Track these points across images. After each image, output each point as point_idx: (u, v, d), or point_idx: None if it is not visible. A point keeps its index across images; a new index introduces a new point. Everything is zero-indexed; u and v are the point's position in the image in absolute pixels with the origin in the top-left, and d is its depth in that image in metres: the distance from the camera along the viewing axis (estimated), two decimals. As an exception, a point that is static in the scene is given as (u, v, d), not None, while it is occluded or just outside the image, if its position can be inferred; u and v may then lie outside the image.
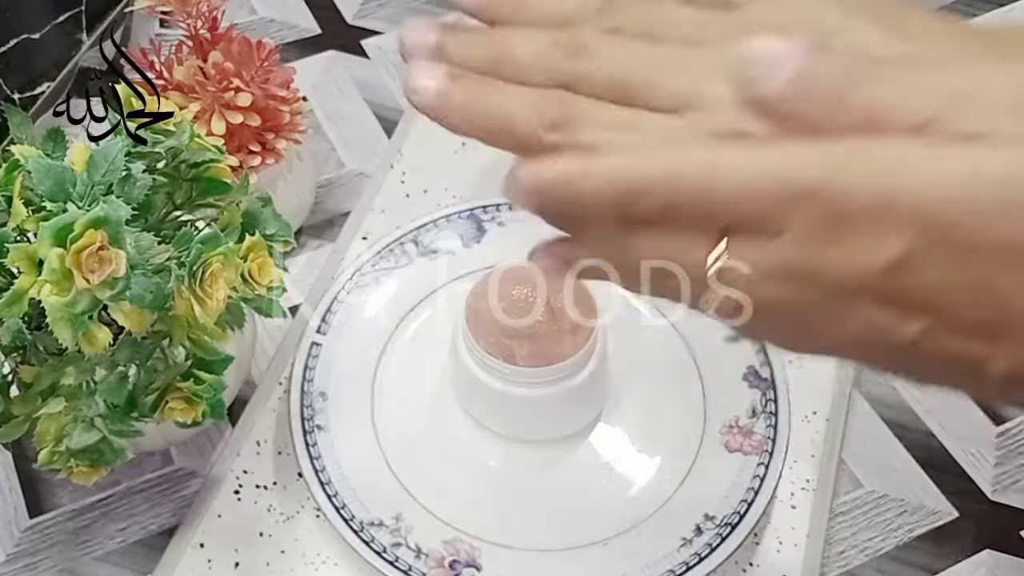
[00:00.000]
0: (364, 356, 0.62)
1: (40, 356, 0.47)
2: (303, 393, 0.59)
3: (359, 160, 0.75)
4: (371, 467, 0.58)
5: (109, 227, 0.42)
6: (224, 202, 0.51)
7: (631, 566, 0.54)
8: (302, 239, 0.71)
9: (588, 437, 0.60)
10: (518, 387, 0.56)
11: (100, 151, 0.46)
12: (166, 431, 0.56)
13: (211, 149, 0.51)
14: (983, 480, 0.60)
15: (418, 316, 0.64)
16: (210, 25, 0.61)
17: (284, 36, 0.83)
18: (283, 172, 0.66)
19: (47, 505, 0.60)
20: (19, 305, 0.43)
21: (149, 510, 0.59)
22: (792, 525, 0.58)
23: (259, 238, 0.50)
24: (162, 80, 0.61)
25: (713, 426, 0.60)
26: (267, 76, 0.62)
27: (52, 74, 0.77)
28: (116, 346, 0.47)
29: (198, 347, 0.49)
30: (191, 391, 0.49)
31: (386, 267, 0.65)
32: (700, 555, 0.54)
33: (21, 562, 0.57)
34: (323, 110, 0.78)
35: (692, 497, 0.57)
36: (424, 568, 0.54)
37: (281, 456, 0.60)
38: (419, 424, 0.61)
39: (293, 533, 0.58)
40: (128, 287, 0.43)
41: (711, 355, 0.62)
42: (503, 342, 0.55)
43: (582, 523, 0.57)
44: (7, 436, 0.48)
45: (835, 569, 0.57)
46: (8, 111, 0.51)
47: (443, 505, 0.57)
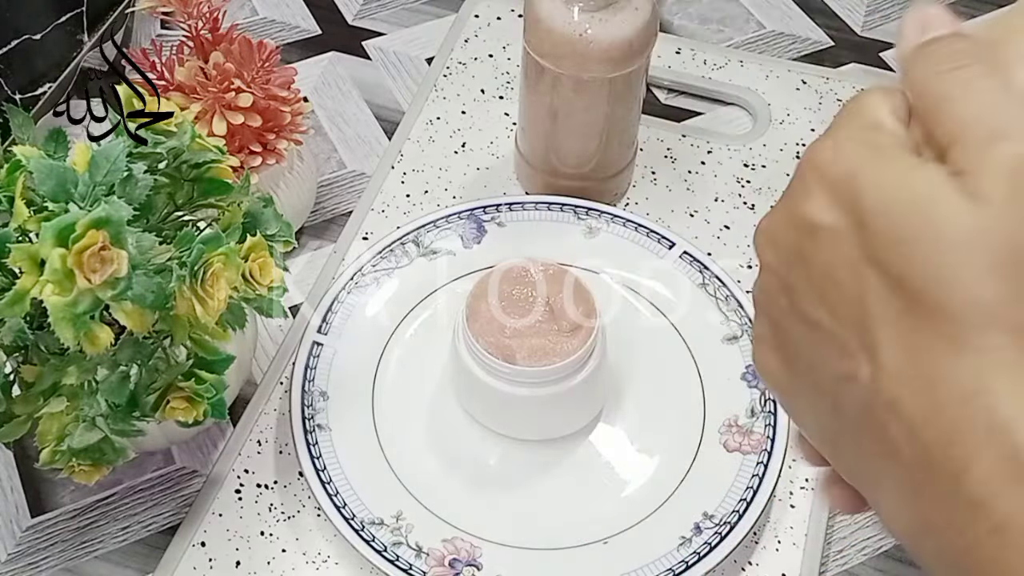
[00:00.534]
0: (365, 356, 0.62)
1: (42, 356, 0.47)
2: (304, 393, 0.59)
3: (360, 160, 0.76)
4: (371, 466, 0.58)
5: (111, 227, 0.42)
6: (225, 202, 0.51)
7: (631, 565, 0.54)
8: (303, 239, 0.71)
9: (588, 437, 0.60)
10: (518, 387, 0.56)
11: (102, 152, 0.46)
12: (167, 430, 0.56)
13: (212, 150, 0.51)
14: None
15: (418, 316, 0.64)
16: (211, 26, 0.62)
17: (285, 37, 0.84)
18: (284, 172, 0.66)
19: (49, 504, 0.60)
20: (21, 305, 0.43)
21: (150, 509, 0.60)
22: (791, 524, 0.58)
23: (260, 238, 0.50)
24: (163, 81, 0.61)
25: (712, 425, 0.60)
26: (268, 77, 0.62)
27: (53, 75, 0.78)
28: (118, 346, 0.47)
29: (199, 347, 0.49)
30: (192, 391, 0.49)
31: (386, 267, 0.65)
32: (699, 554, 0.54)
33: (23, 561, 0.58)
34: (324, 111, 0.78)
35: (691, 496, 0.57)
36: (424, 567, 0.54)
37: (282, 455, 0.60)
38: (419, 424, 0.61)
39: (294, 532, 0.58)
40: (130, 287, 0.43)
41: (710, 355, 0.62)
42: (503, 342, 0.56)
43: (582, 522, 0.57)
44: (9, 435, 0.48)
45: (834, 568, 0.58)
46: (10, 112, 0.51)
47: (443, 504, 0.57)
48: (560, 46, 0.62)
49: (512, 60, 0.80)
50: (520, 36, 0.64)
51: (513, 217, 0.68)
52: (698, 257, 0.65)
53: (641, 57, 0.63)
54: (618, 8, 0.61)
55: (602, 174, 0.69)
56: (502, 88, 0.78)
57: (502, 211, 0.68)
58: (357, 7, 0.86)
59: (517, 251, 0.61)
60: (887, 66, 0.82)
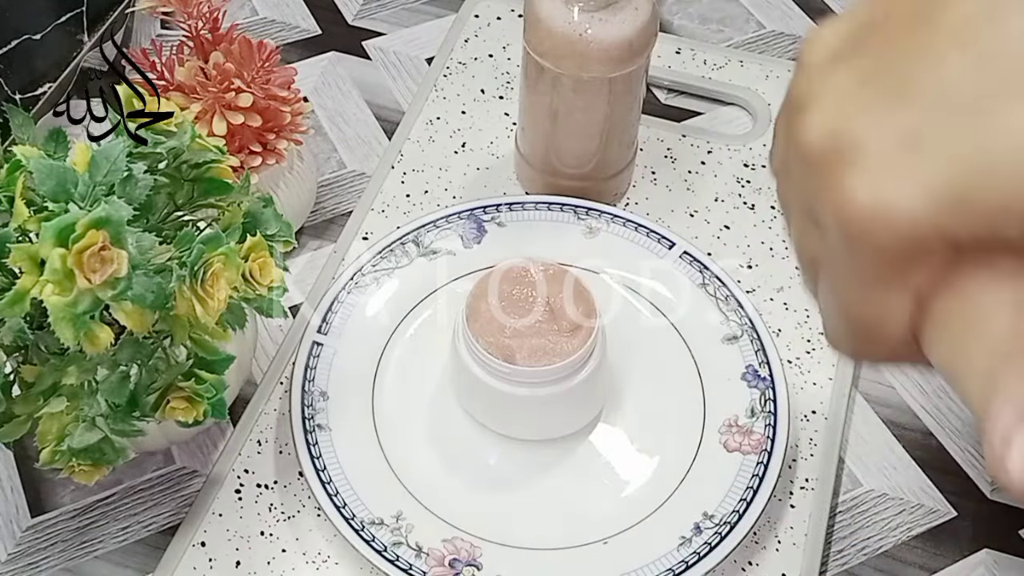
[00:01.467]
0: (365, 356, 0.63)
1: (42, 356, 0.47)
2: (304, 393, 0.59)
3: (360, 160, 0.76)
4: (371, 466, 0.58)
5: (111, 227, 0.42)
6: (225, 202, 0.52)
7: (631, 565, 0.54)
8: (303, 239, 0.71)
9: (588, 437, 0.60)
10: (518, 387, 0.56)
11: (102, 152, 0.46)
12: (167, 430, 0.56)
13: (212, 150, 0.51)
14: (981, 479, 0.61)
15: (418, 316, 0.64)
16: (211, 26, 0.62)
17: (285, 37, 0.84)
18: (284, 172, 0.66)
19: (49, 504, 0.60)
20: (21, 305, 0.43)
21: (150, 509, 0.60)
22: (791, 524, 0.58)
23: (260, 238, 0.50)
24: (163, 81, 0.61)
25: (712, 425, 0.60)
26: (268, 77, 0.62)
27: (53, 75, 0.78)
28: (118, 346, 0.47)
29: (199, 347, 0.49)
30: (192, 391, 0.49)
31: (386, 267, 0.65)
32: (699, 554, 0.54)
33: (23, 561, 0.58)
34: (324, 111, 0.78)
35: (691, 496, 0.57)
36: (424, 567, 0.54)
37: (282, 455, 0.60)
38: (419, 424, 0.61)
39: (294, 532, 0.58)
40: (130, 287, 0.43)
41: (710, 355, 0.62)
42: (503, 342, 0.56)
43: (582, 522, 0.57)
44: (9, 435, 0.48)
45: (834, 568, 0.58)
46: (10, 112, 0.51)
47: (443, 504, 0.57)
48: (560, 46, 0.62)
49: (512, 60, 0.80)
50: (520, 36, 0.64)
51: (513, 217, 0.68)
52: (698, 257, 0.65)
53: (641, 57, 0.63)
54: (618, 8, 0.61)
55: (602, 174, 0.69)
56: (502, 88, 0.78)
57: (502, 211, 0.68)
58: (357, 7, 0.86)
59: (517, 251, 0.61)
60: (887, 66, 0.82)
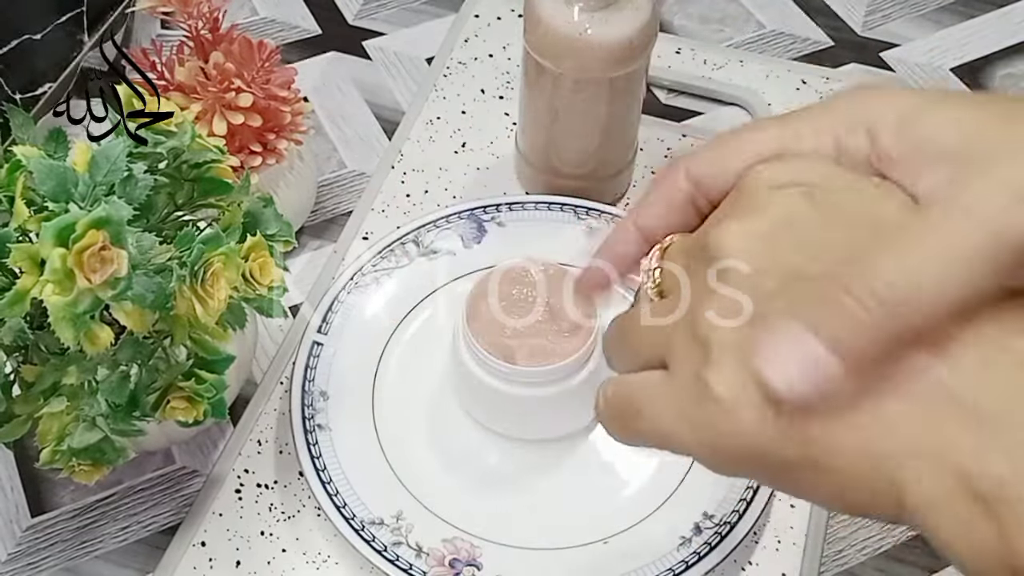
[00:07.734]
0: (365, 356, 0.62)
1: (42, 356, 0.47)
2: (304, 392, 0.59)
3: (360, 160, 0.76)
4: (371, 466, 0.58)
5: (111, 227, 0.42)
6: (225, 202, 0.51)
7: (631, 565, 0.54)
8: (303, 239, 0.71)
9: (588, 437, 0.60)
10: (518, 387, 0.56)
11: (102, 152, 0.46)
12: (168, 430, 0.56)
13: (212, 149, 0.51)
14: (982, 479, 0.61)
15: (418, 316, 0.64)
16: (211, 26, 0.62)
17: (285, 37, 0.84)
18: (284, 172, 0.66)
19: (49, 504, 0.60)
20: (21, 305, 0.43)
21: (150, 509, 0.60)
22: (791, 524, 0.58)
23: (260, 238, 0.50)
24: (163, 81, 0.61)
25: (712, 425, 0.60)
26: (268, 77, 0.62)
27: (53, 75, 0.78)
28: (118, 346, 0.47)
29: (199, 347, 0.49)
30: (192, 390, 0.49)
31: (386, 267, 0.65)
32: (699, 554, 0.54)
33: (23, 561, 0.58)
34: (324, 110, 0.78)
35: (691, 496, 0.57)
36: (424, 567, 0.54)
37: (282, 455, 0.60)
38: (419, 424, 0.61)
39: (294, 532, 0.58)
40: (130, 287, 0.43)
41: (710, 355, 0.62)
42: (503, 342, 0.56)
43: (582, 522, 0.57)
44: (9, 435, 0.48)
45: (834, 568, 0.58)
46: (10, 112, 0.51)
47: (443, 504, 0.57)
48: (560, 46, 0.62)
49: (512, 60, 0.80)
50: (520, 36, 0.64)
51: (513, 217, 0.68)
52: (698, 257, 0.65)
53: (641, 57, 0.63)
54: (618, 8, 0.61)
55: (602, 174, 0.69)
56: (502, 88, 0.78)
57: (502, 211, 0.68)
58: (357, 7, 0.86)
59: (517, 251, 0.61)
60: (887, 66, 0.83)
